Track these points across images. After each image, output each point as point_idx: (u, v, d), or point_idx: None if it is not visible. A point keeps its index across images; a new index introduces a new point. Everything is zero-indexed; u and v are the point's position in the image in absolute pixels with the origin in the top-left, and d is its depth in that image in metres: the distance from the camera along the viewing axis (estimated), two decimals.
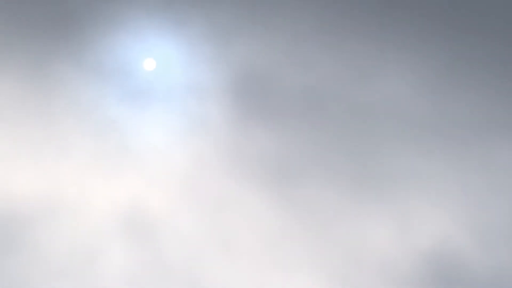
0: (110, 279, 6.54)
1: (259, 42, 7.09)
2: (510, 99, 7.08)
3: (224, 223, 6.68)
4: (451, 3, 7.44)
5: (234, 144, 6.82)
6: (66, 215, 6.49)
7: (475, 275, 6.28)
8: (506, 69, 7.13)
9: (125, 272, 6.48)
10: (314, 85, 7.20)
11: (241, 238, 6.69)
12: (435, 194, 6.64)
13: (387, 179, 7.02)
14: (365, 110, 7.07)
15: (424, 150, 6.87)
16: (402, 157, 7.01)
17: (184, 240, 6.56)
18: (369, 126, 7.02)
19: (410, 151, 6.99)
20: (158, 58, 6.86)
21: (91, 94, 6.76)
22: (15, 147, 6.78)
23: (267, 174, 6.86)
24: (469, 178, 6.81)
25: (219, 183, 6.74)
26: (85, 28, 7.12)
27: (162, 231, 6.64)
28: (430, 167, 6.89)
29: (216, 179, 6.74)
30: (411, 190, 6.84)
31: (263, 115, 6.86)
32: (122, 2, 7.11)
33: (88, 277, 6.40)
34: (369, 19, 7.60)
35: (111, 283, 6.40)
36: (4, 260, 6.50)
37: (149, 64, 6.79)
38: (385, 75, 7.40)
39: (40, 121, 6.77)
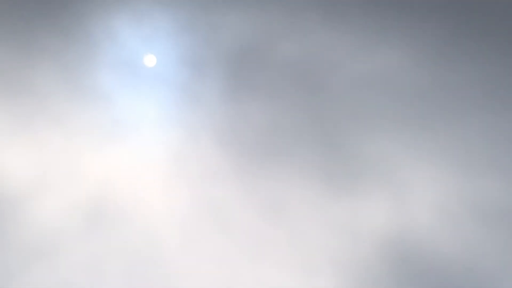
0: (102, 253, 6.43)
1: (255, 12, 7.05)
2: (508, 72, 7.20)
3: (217, 197, 6.61)
4: None
5: (227, 117, 6.77)
6: (59, 186, 6.35)
7: (443, 253, 6.55)
8: (505, 41, 7.23)
9: (116, 245, 6.38)
10: (310, 56, 7.19)
11: (235, 212, 6.65)
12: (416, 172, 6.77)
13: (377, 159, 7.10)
14: (363, 81, 7.09)
15: (418, 127, 6.96)
16: (393, 136, 7.12)
17: (176, 214, 6.49)
18: (366, 96, 7.05)
19: (406, 127, 7.13)
20: (151, 28, 6.75)
21: (83, 64, 6.65)
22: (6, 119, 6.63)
23: (261, 147, 6.80)
24: (449, 158, 6.98)
25: (212, 156, 6.67)
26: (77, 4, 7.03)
27: (155, 203, 6.54)
28: (418, 148, 7.00)
29: (209, 153, 6.66)
30: (404, 166, 6.93)
31: (256, 88, 6.80)
32: None
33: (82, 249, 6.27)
34: None
35: (106, 256, 6.31)
36: None
37: (143, 36, 6.71)
38: (385, 45, 7.43)
39: (32, 93, 6.63)
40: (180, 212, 6.30)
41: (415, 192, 6.41)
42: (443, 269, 6.23)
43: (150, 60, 6.37)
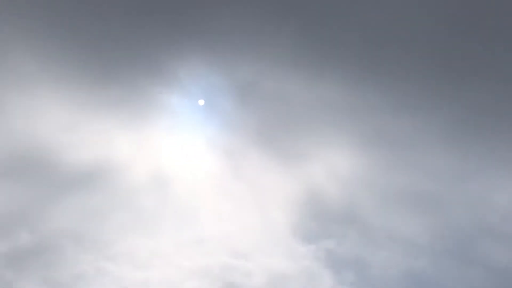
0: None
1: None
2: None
3: (240, 167, 13.71)
4: None
5: (239, 124, 13.91)
6: (144, 161, 13.26)
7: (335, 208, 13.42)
8: None
9: None
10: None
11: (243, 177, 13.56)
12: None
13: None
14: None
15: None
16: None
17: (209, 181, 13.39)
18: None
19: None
20: (204, 84, 13.76)
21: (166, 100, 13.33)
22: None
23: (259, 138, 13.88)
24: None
25: (238, 148, 13.81)
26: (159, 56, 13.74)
27: (198, 176, 13.66)
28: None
29: (237, 146, 13.81)
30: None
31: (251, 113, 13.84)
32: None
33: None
34: None
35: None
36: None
37: (199, 88, 13.63)
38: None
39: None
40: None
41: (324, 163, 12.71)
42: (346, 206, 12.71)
43: (201, 101, 13.39)
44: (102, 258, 20.10)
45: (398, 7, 21.15)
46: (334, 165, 20.42)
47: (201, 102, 14.91)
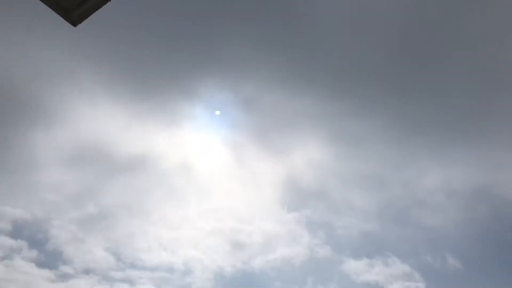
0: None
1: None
2: None
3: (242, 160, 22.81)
4: None
5: (245, 129, 22.95)
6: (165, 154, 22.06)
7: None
8: None
9: None
10: None
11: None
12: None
13: None
14: None
15: None
16: None
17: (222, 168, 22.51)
18: None
19: None
20: (219, 100, 22.56)
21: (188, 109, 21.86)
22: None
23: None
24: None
25: (244, 144, 22.75)
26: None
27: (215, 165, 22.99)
28: None
29: (243, 142, 22.83)
30: None
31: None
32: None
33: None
34: None
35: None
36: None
37: (215, 103, 22.42)
38: None
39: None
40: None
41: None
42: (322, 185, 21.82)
43: (217, 112, 22.16)
44: (146, 223, 27.73)
45: (356, 42, 29.57)
46: (310, 156, 29.14)
47: (217, 112, 23.38)
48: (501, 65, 28.01)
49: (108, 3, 6.47)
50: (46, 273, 24.90)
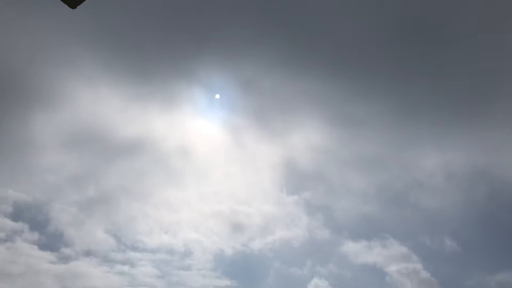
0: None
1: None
2: None
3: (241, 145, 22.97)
4: None
5: (245, 113, 23.04)
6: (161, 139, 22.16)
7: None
8: None
9: None
10: None
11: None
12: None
13: None
14: None
15: None
16: None
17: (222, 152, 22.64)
18: None
19: None
20: (219, 84, 22.61)
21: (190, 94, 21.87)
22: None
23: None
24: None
25: (243, 127, 22.83)
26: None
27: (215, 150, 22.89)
28: None
29: (241, 126, 22.89)
30: None
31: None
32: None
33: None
34: None
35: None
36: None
37: (215, 87, 22.51)
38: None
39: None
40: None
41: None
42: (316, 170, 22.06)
43: (217, 95, 22.17)
44: (146, 205, 27.93)
45: (359, 27, 29.44)
46: (309, 139, 29.19)
47: (217, 96, 23.55)
48: (501, 49, 27.98)
49: None
50: (47, 255, 25.19)
